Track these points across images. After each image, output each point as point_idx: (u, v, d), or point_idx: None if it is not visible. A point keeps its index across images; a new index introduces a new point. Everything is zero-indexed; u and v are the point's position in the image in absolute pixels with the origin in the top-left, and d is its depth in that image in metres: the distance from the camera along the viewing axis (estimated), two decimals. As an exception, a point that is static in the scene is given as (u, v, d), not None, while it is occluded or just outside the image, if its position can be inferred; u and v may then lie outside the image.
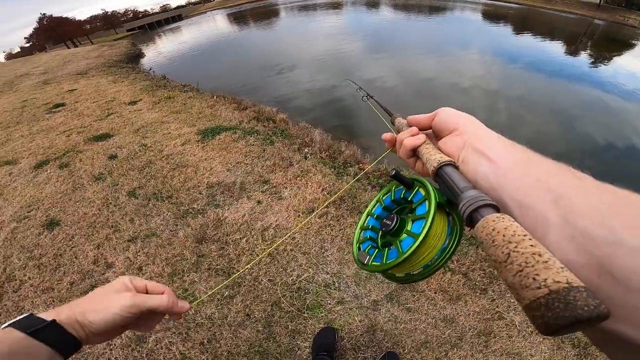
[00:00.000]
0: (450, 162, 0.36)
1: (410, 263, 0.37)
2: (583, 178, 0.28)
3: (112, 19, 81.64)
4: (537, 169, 0.30)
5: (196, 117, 4.62)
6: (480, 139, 0.36)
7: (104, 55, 14.40)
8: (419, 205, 0.39)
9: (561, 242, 0.24)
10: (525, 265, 0.21)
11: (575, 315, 0.18)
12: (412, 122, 0.48)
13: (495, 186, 0.31)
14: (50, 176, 3.43)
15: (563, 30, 21.44)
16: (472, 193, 0.30)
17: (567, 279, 0.19)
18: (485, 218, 0.26)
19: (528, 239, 0.23)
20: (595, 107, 7.26)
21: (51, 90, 7.74)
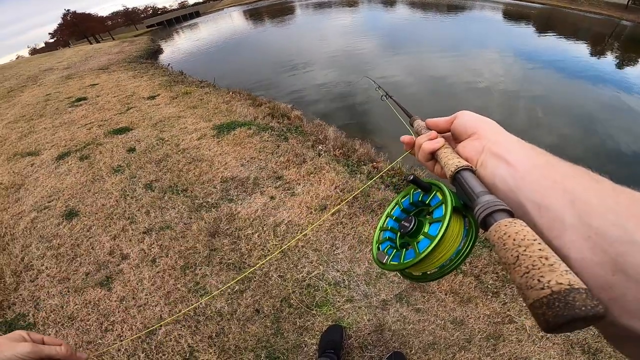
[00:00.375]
0: (467, 167, 0.37)
1: (426, 263, 0.38)
2: (600, 181, 0.28)
3: (133, 15, 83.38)
4: (554, 172, 0.30)
5: (212, 112, 4.68)
6: (500, 143, 0.37)
7: (124, 51, 14.74)
8: (436, 208, 0.40)
9: (577, 241, 0.25)
10: (532, 268, 0.23)
11: (572, 314, 0.19)
12: (430, 125, 0.48)
13: (513, 188, 0.32)
14: (71, 167, 3.53)
15: (588, 31, 20.75)
16: (487, 198, 0.31)
17: (569, 281, 0.21)
18: (498, 222, 0.28)
19: (537, 243, 0.24)
20: (619, 111, 7.01)
21: (74, 85, 7.97)
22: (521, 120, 6.29)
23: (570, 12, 32.05)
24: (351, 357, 1.66)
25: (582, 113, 6.63)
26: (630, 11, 35.41)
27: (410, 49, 11.73)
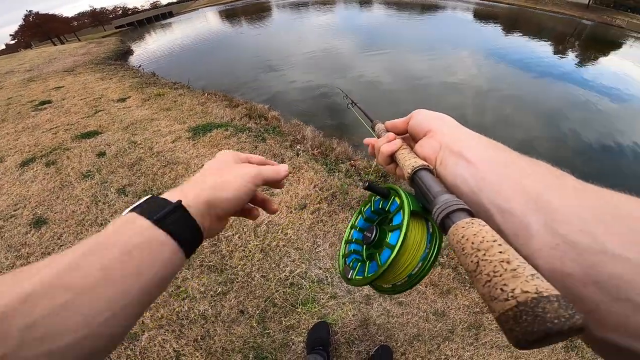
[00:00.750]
0: (424, 167, 0.35)
1: (391, 274, 0.35)
2: (561, 177, 0.27)
3: (100, 16, 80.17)
4: (515, 170, 0.29)
5: (187, 114, 4.57)
6: (457, 139, 0.35)
7: (91, 52, 14.14)
8: (395, 214, 0.38)
9: (544, 250, 0.23)
10: (493, 275, 0.20)
11: (544, 328, 0.17)
12: (389, 127, 0.47)
13: (474, 190, 0.30)
14: (37, 174, 3.35)
15: (552, 30, 21.78)
16: (445, 197, 0.29)
17: (536, 288, 0.18)
18: (455, 225, 0.25)
19: (497, 245, 0.22)
20: (580, 106, 7.41)
21: (37, 88, 7.56)
22: (490, 116, 6.53)
23: (536, 12, 33.57)
24: (339, 353, 1.66)
25: (545, 109, 6.95)
26: (591, 10, 37.47)
27: (386, 48, 11.92)
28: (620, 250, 0.20)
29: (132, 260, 0.28)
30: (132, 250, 0.29)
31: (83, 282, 0.26)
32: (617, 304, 0.20)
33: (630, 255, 0.20)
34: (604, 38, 22.67)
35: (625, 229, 0.21)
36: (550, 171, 0.28)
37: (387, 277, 0.36)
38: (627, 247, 0.20)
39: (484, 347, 1.69)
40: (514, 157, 0.31)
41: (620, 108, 7.51)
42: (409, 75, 8.73)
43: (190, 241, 0.33)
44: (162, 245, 0.30)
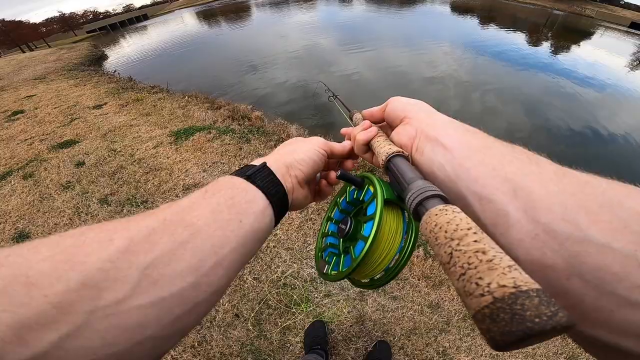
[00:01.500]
0: (398, 153, 0.34)
1: (367, 268, 0.34)
2: (540, 162, 0.26)
3: (70, 21, 77.61)
4: (492, 155, 0.27)
5: (167, 118, 4.47)
6: (432, 125, 0.34)
7: (62, 58, 13.65)
8: (369, 204, 0.36)
9: (524, 240, 0.22)
10: (467, 267, 0.18)
11: (523, 329, 0.15)
12: (366, 116, 0.46)
13: (452, 177, 0.29)
14: (15, 187, 3.22)
15: (525, 20, 22.32)
16: (419, 184, 0.27)
17: (514, 282, 0.16)
18: (428, 212, 0.24)
19: (472, 233, 0.20)
20: (556, 95, 7.62)
21: (8, 97, 7.25)
22: (470, 106, 6.65)
23: (509, 3, 34.35)
24: (337, 351, 1.66)
25: (523, 98, 7.13)
26: (561, 1, 38.61)
27: (367, 44, 11.95)
28: (606, 239, 0.19)
29: (234, 206, 0.31)
30: (234, 197, 0.32)
31: (198, 222, 0.28)
32: (604, 298, 0.19)
33: (617, 245, 0.19)
34: (576, 28, 23.40)
35: (610, 216, 0.20)
36: (528, 156, 0.27)
37: (363, 271, 0.35)
38: (613, 236, 0.19)
39: (481, 337, 1.71)
40: (491, 142, 0.29)
41: (596, 95, 7.76)
42: (390, 69, 8.78)
43: (277, 198, 0.36)
44: (256, 197, 0.34)
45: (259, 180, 0.35)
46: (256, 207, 0.33)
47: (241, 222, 0.31)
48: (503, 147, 0.29)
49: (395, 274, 0.35)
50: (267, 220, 0.34)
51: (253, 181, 0.35)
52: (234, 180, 0.35)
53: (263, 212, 0.34)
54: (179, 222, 0.27)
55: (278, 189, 0.37)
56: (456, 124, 0.33)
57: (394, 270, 0.34)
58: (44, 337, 0.18)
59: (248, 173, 0.36)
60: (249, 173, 0.36)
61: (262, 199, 0.34)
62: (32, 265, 0.20)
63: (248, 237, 0.31)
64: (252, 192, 0.34)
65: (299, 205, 0.43)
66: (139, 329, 0.21)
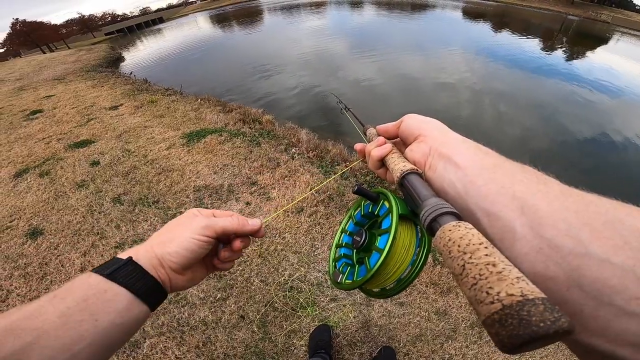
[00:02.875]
0: (413, 171, 0.35)
1: (381, 278, 0.36)
2: (548, 182, 0.27)
3: (90, 23, 79.61)
4: (502, 174, 0.29)
5: (180, 120, 4.55)
6: (446, 143, 0.35)
7: (81, 59, 14.03)
8: (384, 218, 0.38)
9: (529, 254, 0.23)
10: (479, 278, 0.20)
11: (529, 332, 0.16)
12: (380, 132, 0.47)
13: (462, 194, 0.30)
14: (31, 185, 3.32)
15: (539, 26, 22.04)
16: (432, 201, 0.29)
17: (521, 291, 0.18)
18: (442, 228, 0.25)
19: (483, 248, 0.22)
20: (571, 102, 7.49)
21: (28, 97, 7.48)
22: (483, 114, 6.57)
23: (523, 9, 33.91)
24: (342, 356, 1.66)
25: (537, 105, 7.02)
26: (576, 6, 37.98)
27: (378, 49, 11.96)
28: (606, 254, 0.20)
29: (87, 308, 0.33)
30: (87, 299, 0.33)
31: (44, 325, 0.30)
32: (602, 308, 0.20)
33: (616, 260, 0.20)
34: (591, 33, 23.00)
35: (611, 233, 0.21)
36: (536, 175, 0.28)
37: (376, 281, 0.36)
38: (612, 251, 0.20)
39: (487, 345, 1.70)
40: (501, 162, 0.31)
41: (612, 102, 7.60)
42: (401, 75, 8.77)
43: (147, 291, 0.38)
44: (117, 296, 0.35)
45: (121, 277, 0.36)
46: (117, 305, 0.35)
47: (97, 322, 0.33)
48: (513, 166, 0.30)
49: (407, 285, 0.36)
50: (133, 314, 0.36)
51: (114, 279, 0.36)
52: (90, 280, 0.35)
53: (127, 308, 0.35)
54: (23, 327, 0.30)
55: (146, 282, 0.38)
56: (469, 143, 0.35)
57: (406, 281, 0.36)
58: None
59: (108, 272, 0.36)
60: (109, 271, 0.36)
61: (125, 295, 0.36)
62: None
63: (109, 333, 0.33)
64: (112, 291, 0.35)
65: (186, 287, 0.44)
66: None
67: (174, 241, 0.42)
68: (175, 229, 0.44)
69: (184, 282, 0.44)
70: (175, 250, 0.41)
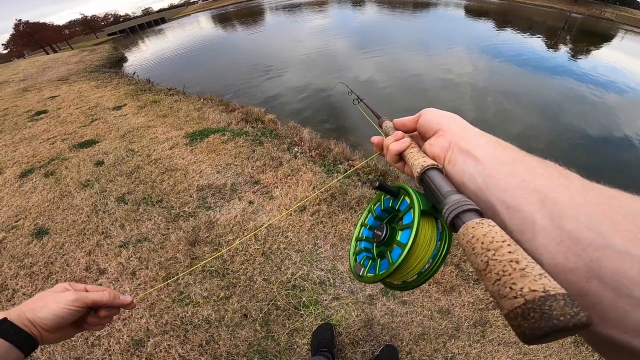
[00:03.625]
0: (433, 166, 0.35)
1: (402, 272, 0.36)
2: (569, 176, 0.27)
3: (92, 24, 79.72)
4: (522, 168, 0.29)
5: (183, 120, 4.57)
6: (465, 138, 0.35)
7: (84, 60, 14.11)
8: (405, 214, 0.38)
9: (549, 245, 0.24)
10: (502, 274, 0.21)
11: (550, 325, 0.18)
12: (397, 126, 0.47)
13: (482, 187, 0.30)
14: (36, 185, 3.35)
15: (543, 24, 21.90)
16: (455, 198, 0.29)
17: (544, 287, 0.19)
18: (465, 225, 0.26)
19: (506, 245, 0.22)
20: (576, 100, 7.44)
21: (32, 98, 7.54)
22: (490, 112, 6.55)
23: (526, 6, 33.70)
24: (344, 354, 1.67)
25: (542, 104, 6.97)
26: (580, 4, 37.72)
27: (381, 47, 11.93)
28: (626, 246, 0.21)
29: None
30: None
31: None
32: (621, 300, 0.20)
33: (635, 252, 0.20)
34: (595, 31, 22.82)
35: (631, 226, 0.21)
36: (557, 170, 0.28)
37: (398, 275, 0.37)
38: (632, 243, 0.21)
39: (490, 344, 1.70)
40: (521, 156, 0.31)
41: (617, 100, 7.54)
42: (404, 73, 8.74)
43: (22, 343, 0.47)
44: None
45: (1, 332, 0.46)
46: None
47: None
48: (534, 160, 0.30)
49: (428, 278, 0.37)
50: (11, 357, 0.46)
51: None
52: None
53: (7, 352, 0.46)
54: None
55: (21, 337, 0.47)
56: (488, 137, 0.35)
57: (427, 274, 0.37)
58: None
59: None
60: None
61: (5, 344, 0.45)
62: None
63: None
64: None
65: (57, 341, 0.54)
66: None
67: (45, 309, 0.50)
68: (46, 299, 0.52)
69: (55, 338, 0.52)
70: (46, 315, 0.49)
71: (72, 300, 0.51)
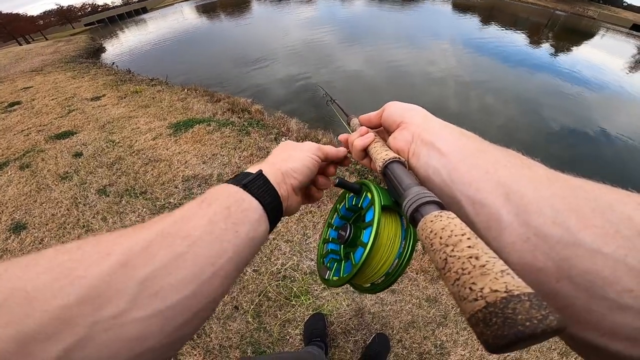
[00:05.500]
0: (395, 159, 0.34)
1: (368, 273, 0.34)
2: (533, 166, 0.26)
3: (68, 14, 76.79)
4: (486, 160, 0.28)
5: (167, 110, 4.44)
6: (428, 129, 0.34)
7: (60, 50, 13.52)
8: (367, 211, 0.36)
9: (516, 243, 0.22)
10: (461, 273, 0.18)
11: (515, 332, 0.15)
12: (363, 121, 0.46)
13: (447, 181, 0.29)
14: (12, 178, 3.19)
15: (527, 20, 22.33)
16: (414, 190, 0.27)
17: (506, 287, 0.16)
18: (424, 218, 0.24)
19: (466, 239, 0.20)
20: (554, 94, 7.64)
21: (4, 89, 7.18)
22: (472, 106, 6.64)
23: (511, 3, 34.31)
24: (336, 343, 1.66)
25: (522, 97, 7.14)
26: (565, 1, 38.63)
27: (367, 40, 11.93)
28: (596, 244, 0.19)
29: (230, 216, 0.31)
30: (230, 207, 0.31)
31: (195, 232, 0.27)
32: (594, 302, 0.19)
33: (607, 250, 0.19)
34: (577, 29, 23.45)
35: (602, 221, 0.20)
36: (520, 159, 0.27)
37: (363, 276, 0.35)
38: (603, 240, 0.19)
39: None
40: (485, 147, 0.30)
41: (595, 96, 7.78)
42: (390, 66, 8.76)
43: (272, 207, 0.36)
44: (251, 206, 0.34)
45: (255, 189, 0.35)
46: (252, 216, 0.33)
47: (237, 232, 0.30)
48: (497, 151, 0.29)
49: (396, 279, 0.35)
50: (262, 229, 0.34)
51: (249, 190, 0.34)
52: (229, 188, 0.34)
53: (259, 221, 0.33)
54: (176, 233, 0.27)
55: (273, 197, 0.37)
56: (452, 128, 0.33)
57: (394, 274, 0.35)
58: (48, 350, 0.19)
59: (244, 182, 0.35)
60: (245, 182, 0.35)
61: (258, 207, 0.34)
62: (31, 279, 0.20)
63: (244, 246, 0.31)
64: (248, 201, 0.34)
65: (292, 211, 0.43)
66: (140, 341, 0.22)
67: (295, 158, 0.43)
68: (292, 150, 0.45)
69: (296, 203, 0.43)
70: (297, 166, 0.42)
71: (316, 148, 0.45)
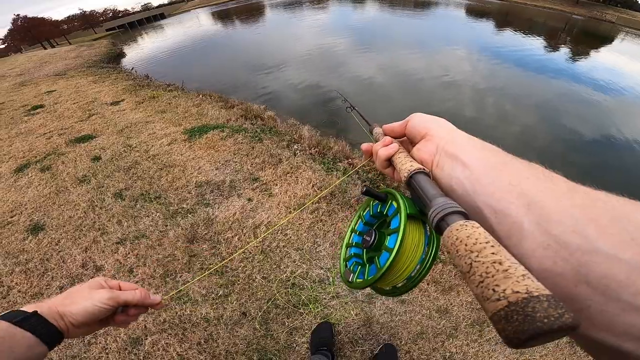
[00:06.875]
0: (420, 170, 0.35)
1: (391, 277, 0.36)
2: (554, 179, 0.27)
3: (91, 19, 79.22)
4: (509, 172, 0.29)
5: (182, 116, 4.54)
6: (453, 142, 0.35)
7: (82, 55, 13.99)
8: (392, 218, 0.38)
9: (536, 250, 0.24)
10: (485, 276, 0.21)
11: (534, 328, 0.17)
12: (386, 131, 0.47)
13: (469, 192, 0.30)
14: (32, 180, 3.31)
15: (544, 25, 21.93)
16: (440, 201, 0.29)
17: (527, 288, 0.18)
18: (450, 227, 0.26)
19: (490, 246, 0.22)
20: (573, 100, 7.46)
21: (29, 92, 7.47)
22: (489, 113, 6.54)
23: (527, 7, 33.74)
24: (343, 353, 1.66)
25: (540, 104, 6.98)
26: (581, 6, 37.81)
27: (381, 47, 11.91)
28: (613, 250, 0.20)
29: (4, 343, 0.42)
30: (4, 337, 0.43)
31: None
32: (609, 304, 0.20)
33: (623, 256, 0.20)
34: (595, 33, 22.88)
35: (619, 229, 0.21)
36: (543, 172, 0.28)
37: (387, 280, 0.37)
38: (620, 247, 0.20)
39: (488, 343, 1.69)
40: (507, 160, 0.31)
41: (615, 102, 7.55)
42: (404, 73, 8.72)
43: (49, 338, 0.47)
44: (23, 338, 0.44)
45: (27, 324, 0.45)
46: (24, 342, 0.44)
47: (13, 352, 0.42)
48: (519, 164, 0.30)
49: (417, 283, 0.37)
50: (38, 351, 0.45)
51: (21, 325, 0.45)
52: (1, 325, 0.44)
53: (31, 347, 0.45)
54: None
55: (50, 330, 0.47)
56: (475, 141, 0.35)
57: (416, 279, 0.37)
58: None
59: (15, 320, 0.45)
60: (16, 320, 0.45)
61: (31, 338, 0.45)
62: None
63: None
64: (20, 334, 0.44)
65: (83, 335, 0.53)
66: None
67: (77, 305, 0.50)
68: (80, 295, 0.52)
69: (80, 333, 0.52)
70: (77, 311, 0.50)
71: (106, 298, 0.52)
